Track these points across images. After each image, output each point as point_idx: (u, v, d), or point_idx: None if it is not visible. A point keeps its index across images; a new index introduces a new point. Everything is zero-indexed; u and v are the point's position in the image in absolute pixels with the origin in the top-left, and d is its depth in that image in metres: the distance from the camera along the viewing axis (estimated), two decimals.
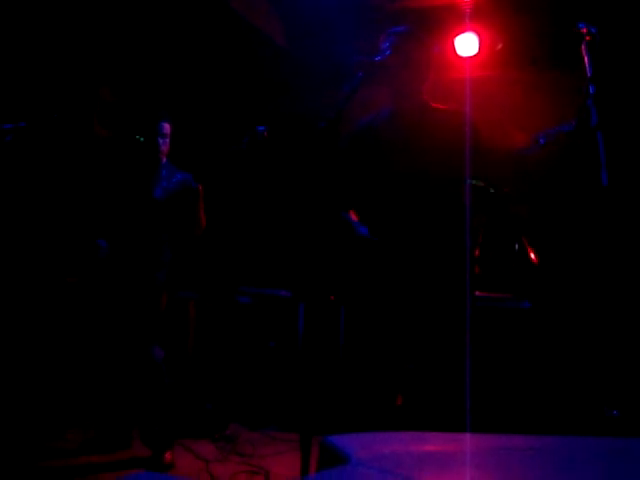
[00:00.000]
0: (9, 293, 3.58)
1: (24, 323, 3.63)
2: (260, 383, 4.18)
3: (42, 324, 3.69)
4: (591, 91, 1.97)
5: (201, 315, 4.38)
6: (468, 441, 1.32)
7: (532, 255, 3.56)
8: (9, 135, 2.51)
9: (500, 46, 4.39)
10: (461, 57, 4.40)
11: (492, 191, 2.62)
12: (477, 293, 3.53)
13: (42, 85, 3.81)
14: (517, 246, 3.56)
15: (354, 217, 2.51)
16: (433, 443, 1.31)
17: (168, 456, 3.08)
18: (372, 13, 4.26)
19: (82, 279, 3.36)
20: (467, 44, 4.37)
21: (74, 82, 3.58)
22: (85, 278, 3.28)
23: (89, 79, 3.51)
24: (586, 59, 2.02)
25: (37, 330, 3.68)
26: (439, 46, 4.30)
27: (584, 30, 2.05)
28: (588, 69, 2.00)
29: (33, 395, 3.60)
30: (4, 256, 3.59)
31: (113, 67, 4.09)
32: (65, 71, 3.85)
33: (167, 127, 3.27)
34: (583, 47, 2.04)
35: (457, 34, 4.36)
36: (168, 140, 3.28)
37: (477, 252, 2.66)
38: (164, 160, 3.31)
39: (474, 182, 2.41)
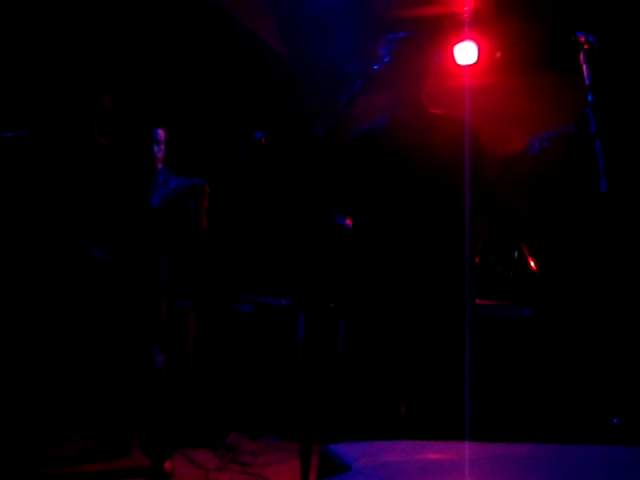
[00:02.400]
0: (12, 299, 3.58)
1: (28, 330, 3.63)
2: (260, 391, 4.17)
3: (45, 331, 3.68)
4: (589, 99, 1.98)
5: (201, 324, 4.37)
6: (468, 449, 1.32)
7: (532, 263, 3.56)
8: (10, 143, 2.52)
9: (499, 54, 4.41)
10: (460, 65, 4.42)
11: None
12: (477, 301, 3.53)
13: (42, 93, 3.82)
14: (517, 254, 3.56)
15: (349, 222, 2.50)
16: (434, 451, 1.31)
17: (168, 465, 3.07)
18: (371, 22, 4.28)
19: (85, 285, 3.36)
20: (466, 52, 4.39)
21: (74, 89, 3.60)
22: (88, 284, 3.28)
23: (89, 86, 3.52)
24: (584, 67, 2.03)
25: (40, 337, 3.68)
26: (438, 53, 4.33)
27: (582, 39, 2.07)
28: (586, 77, 2.02)
29: (34, 402, 3.59)
30: (6, 262, 3.59)
31: (113, 74, 4.11)
32: (65, 78, 3.87)
33: (161, 134, 3.27)
34: (581, 55, 2.05)
35: (456, 43, 4.38)
36: (163, 147, 3.28)
37: (477, 260, 2.67)
38: (160, 166, 3.31)
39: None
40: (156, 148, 3.24)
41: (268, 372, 4.20)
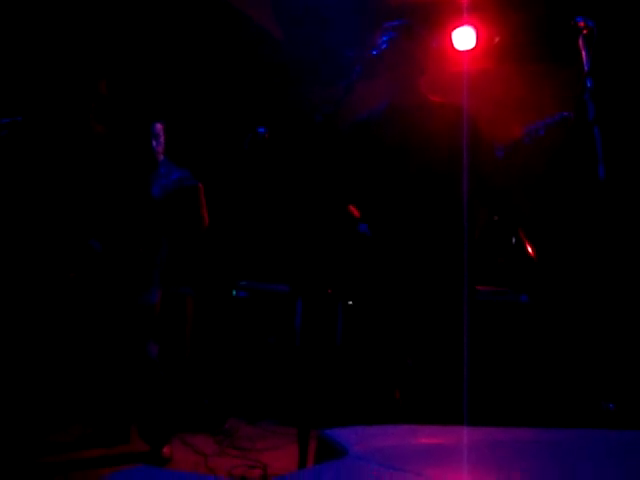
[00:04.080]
0: (10, 289, 3.57)
1: (25, 319, 3.63)
2: (258, 377, 4.19)
3: (42, 320, 3.69)
4: (588, 85, 1.97)
5: (199, 310, 4.38)
6: (465, 434, 1.33)
7: (529, 249, 3.56)
8: (5, 130, 2.50)
9: (497, 40, 4.39)
10: (458, 51, 4.39)
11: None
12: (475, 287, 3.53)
13: (39, 79, 3.80)
14: (514, 240, 3.56)
15: (355, 213, 2.51)
16: (430, 436, 1.32)
17: (166, 450, 3.08)
18: (369, 7, 4.25)
19: (81, 275, 3.36)
20: (464, 38, 4.36)
21: (71, 76, 3.57)
22: (83, 275, 3.28)
23: (86, 73, 3.49)
24: (583, 53, 2.02)
25: (37, 326, 3.68)
26: (436, 40, 4.30)
27: (581, 24, 2.05)
28: (585, 63, 2.00)
29: (32, 390, 3.60)
30: (1, 252, 3.58)
31: (110, 62, 4.08)
32: (61, 65, 3.84)
33: (159, 127, 3.26)
34: (580, 41, 2.04)
35: (454, 28, 4.35)
36: (162, 139, 3.27)
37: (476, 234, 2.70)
38: (162, 158, 3.29)
39: None
40: (155, 142, 3.23)
41: (266, 358, 4.21)
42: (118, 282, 3.15)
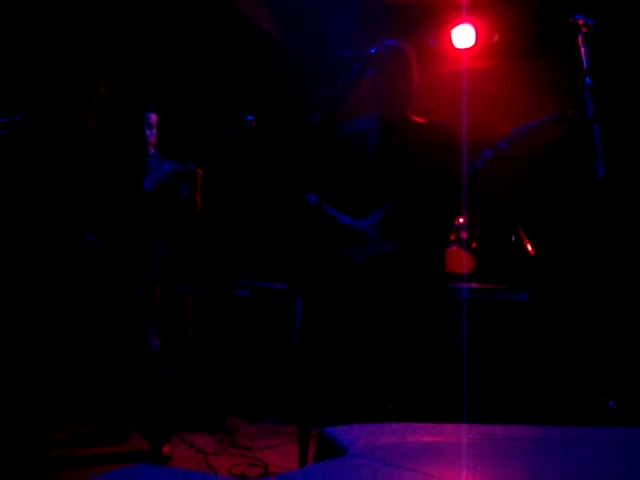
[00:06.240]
0: (10, 288, 3.58)
1: (25, 317, 3.63)
2: (258, 376, 4.19)
3: (43, 319, 3.69)
4: (588, 83, 1.97)
5: (199, 309, 4.38)
6: (464, 431, 1.33)
7: (529, 247, 3.57)
8: (4, 129, 2.50)
9: (497, 38, 4.39)
10: (458, 49, 4.40)
11: None
12: (475, 285, 3.55)
13: (38, 79, 3.80)
14: (514, 238, 3.56)
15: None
16: (430, 434, 1.32)
17: (166, 449, 3.08)
18: (368, 6, 4.25)
19: (81, 273, 3.36)
20: (464, 36, 4.36)
21: (70, 75, 3.57)
22: (83, 272, 3.28)
23: (85, 71, 3.49)
24: (583, 51, 2.02)
25: (38, 325, 3.68)
26: (435, 37, 4.31)
27: (581, 21, 2.05)
28: (585, 61, 2.00)
29: (33, 387, 3.61)
30: (2, 251, 3.59)
31: (109, 59, 4.08)
32: (61, 64, 3.84)
33: (154, 118, 3.24)
34: (580, 38, 2.04)
35: (454, 26, 4.36)
36: (155, 131, 3.26)
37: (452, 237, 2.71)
38: (152, 151, 3.29)
39: None
40: (148, 132, 3.22)
41: (266, 356, 4.22)
42: (115, 275, 3.15)
